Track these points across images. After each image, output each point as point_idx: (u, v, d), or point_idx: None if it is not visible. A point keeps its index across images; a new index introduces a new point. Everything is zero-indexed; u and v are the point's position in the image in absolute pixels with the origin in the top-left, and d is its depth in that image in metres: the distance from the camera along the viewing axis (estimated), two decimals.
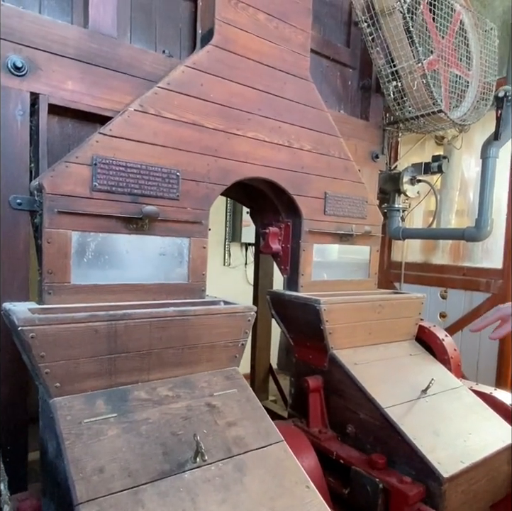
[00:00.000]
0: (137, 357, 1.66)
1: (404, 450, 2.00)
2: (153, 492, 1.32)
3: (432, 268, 5.40)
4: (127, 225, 1.89)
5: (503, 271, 4.60)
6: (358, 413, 2.25)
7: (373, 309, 2.59)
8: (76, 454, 1.34)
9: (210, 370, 1.89)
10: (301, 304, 2.44)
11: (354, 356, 2.44)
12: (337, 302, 2.39)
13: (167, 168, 1.98)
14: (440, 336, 2.94)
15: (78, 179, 1.74)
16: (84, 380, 1.54)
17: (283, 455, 1.65)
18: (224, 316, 1.91)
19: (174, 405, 1.65)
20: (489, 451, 2.09)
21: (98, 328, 1.56)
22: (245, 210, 5.37)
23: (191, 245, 2.10)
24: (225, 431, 1.63)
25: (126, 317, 1.62)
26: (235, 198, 3.34)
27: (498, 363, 4.54)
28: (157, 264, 2.02)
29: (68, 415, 1.44)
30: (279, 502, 1.45)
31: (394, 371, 2.47)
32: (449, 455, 1.98)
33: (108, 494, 1.27)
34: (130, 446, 1.43)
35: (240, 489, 1.44)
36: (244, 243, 5.40)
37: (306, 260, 2.62)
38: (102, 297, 1.83)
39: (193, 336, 1.81)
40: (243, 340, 1.99)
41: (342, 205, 2.76)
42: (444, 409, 2.31)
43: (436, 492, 1.87)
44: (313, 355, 2.50)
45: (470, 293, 4.90)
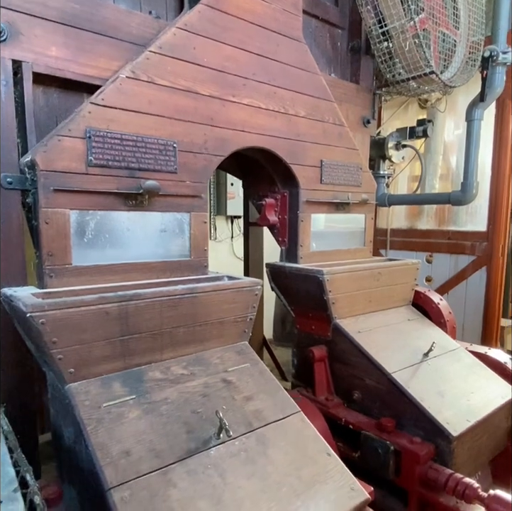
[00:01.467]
0: (150, 337, 1.64)
1: (412, 412, 2.08)
2: (182, 471, 1.33)
3: (418, 233, 5.50)
4: (126, 201, 1.82)
5: (488, 233, 4.73)
6: (364, 379, 2.31)
7: (372, 277, 2.63)
8: (100, 439, 1.32)
9: (222, 346, 1.89)
10: (302, 276, 2.44)
11: (356, 324, 2.48)
12: (339, 272, 2.41)
13: (163, 139, 1.90)
14: (436, 300, 3.02)
15: (72, 153, 1.65)
16: (98, 363, 1.51)
17: (301, 426, 1.68)
18: (232, 291, 1.89)
19: (191, 383, 1.65)
20: (491, 408, 2.20)
21: (109, 310, 1.51)
22: (230, 182, 5.28)
23: (191, 221, 2.05)
24: (243, 406, 1.64)
25: (136, 297, 1.58)
26: (226, 169, 3.26)
27: (484, 323, 4.74)
28: (159, 241, 1.96)
29: (86, 400, 1.41)
30: (304, 472, 1.49)
31: (395, 337, 2.54)
32: (455, 414, 2.07)
33: (138, 476, 1.27)
34: (153, 427, 1.42)
35: (265, 461, 1.47)
36: (229, 216, 5.33)
37: (305, 231, 2.61)
38: (105, 277, 1.78)
39: (203, 312, 1.79)
40: (251, 314, 1.99)
41: (338, 173, 2.74)
42: (446, 370, 2.40)
43: (445, 450, 1.96)
44: (316, 326, 2.53)
45: (455, 256, 5.04)
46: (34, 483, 1.17)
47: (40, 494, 1.14)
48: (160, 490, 1.25)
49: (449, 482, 1.83)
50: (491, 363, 2.65)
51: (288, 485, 1.42)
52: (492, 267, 4.65)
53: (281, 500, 1.36)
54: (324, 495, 1.44)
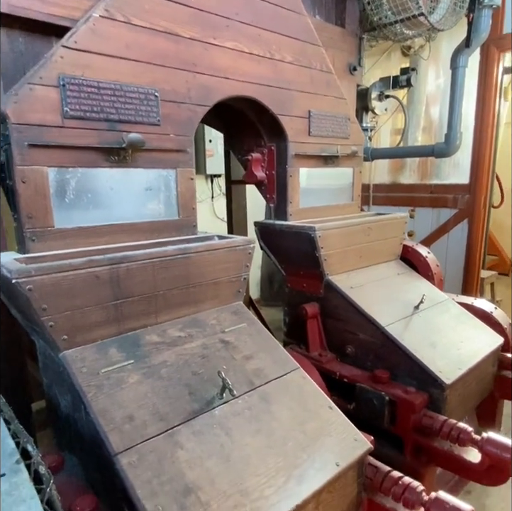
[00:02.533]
0: (143, 300, 1.59)
1: (406, 363, 2.14)
2: (188, 432, 1.33)
3: (401, 188, 5.52)
4: (107, 157, 1.71)
5: (470, 186, 4.78)
6: (357, 334, 2.36)
7: (363, 232, 2.62)
8: (102, 405, 1.30)
9: (217, 307, 1.86)
10: (293, 233, 2.41)
11: (348, 280, 2.50)
12: (330, 228, 2.39)
13: (143, 88, 1.77)
14: (423, 253, 3.07)
15: (46, 104, 1.51)
16: (91, 329, 1.46)
17: (302, 381, 1.71)
18: (225, 251, 1.84)
19: (189, 345, 1.63)
20: (480, 356, 2.29)
21: (99, 273, 1.45)
22: (208, 138, 5.09)
23: (177, 177, 1.96)
24: (244, 365, 1.64)
25: (127, 260, 1.52)
26: (206, 122, 3.11)
27: (464, 275, 4.89)
28: (144, 200, 1.87)
29: (83, 367, 1.37)
30: (308, 426, 1.52)
31: (386, 291, 2.57)
32: (447, 363, 2.15)
33: (144, 440, 1.26)
34: (155, 390, 1.41)
35: (269, 418, 1.49)
36: (209, 174, 5.18)
37: (294, 187, 2.55)
38: (90, 240, 1.70)
39: (197, 273, 1.75)
40: (245, 274, 1.96)
41: (326, 124, 2.66)
42: (436, 322, 2.47)
43: (439, 398, 2.05)
44: (308, 283, 2.53)
45: (437, 210, 5.11)
46: (37, 453, 1.14)
47: (44, 464, 1.12)
48: (168, 453, 1.25)
49: (444, 428, 1.92)
50: (477, 312, 2.74)
51: (293, 439, 1.45)
52: (474, 219, 4.74)
53: (288, 455, 1.39)
54: (329, 447, 1.47)
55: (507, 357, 2.55)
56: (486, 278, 5.28)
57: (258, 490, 1.25)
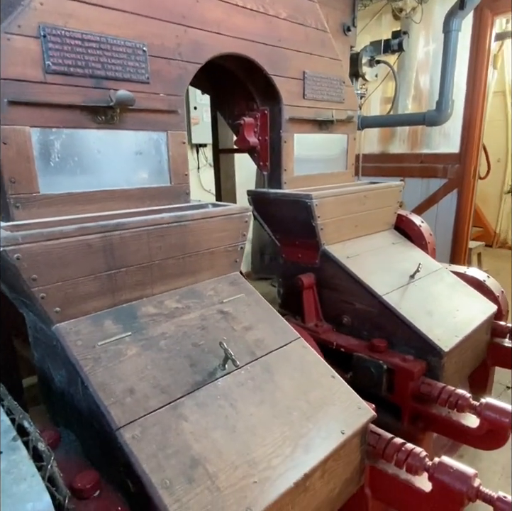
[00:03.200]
0: (138, 271, 1.53)
1: (404, 332, 2.15)
2: (192, 404, 1.30)
3: (390, 158, 5.48)
4: (94, 117, 1.60)
5: (460, 155, 4.77)
6: (354, 303, 2.35)
7: (358, 201, 2.58)
8: (100, 379, 1.25)
9: (214, 278, 1.81)
10: (289, 202, 2.35)
11: (344, 250, 2.47)
12: (327, 196, 2.33)
13: (131, 41, 1.65)
14: (417, 222, 3.06)
15: (26, 57, 1.39)
16: (85, 301, 1.39)
17: (303, 351, 1.69)
18: (222, 218, 1.78)
19: (187, 316, 1.58)
20: (476, 323, 2.32)
21: (92, 242, 1.37)
22: (192, 105, 4.91)
23: (168, 141, 1.86)
24: (244, 336, 1.61)
25: (120, 227, 1.44)
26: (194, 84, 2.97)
27: (453, 245, 4.93)
28: (135, 165, 1.78)
29: (78, 340, 1.32)
30: (311, 395, 1.51)
31: (382, 260, 2.56)
32: (444, 331, 2.16)
33: (147, 413, 1.22)
34: (155, 362, 1.36)
35: (273, 388, 1.47)
36: (195, 144, 5.03)
37: (288, 154, 2.48)
38: (79, 207, 1.61)
39: (193, 242, 1.69)
40: (242, 243, 1.90)
41: (321, 87, 2.57)
42: (431, 290, 2.48)
43: (436, 365, 2.07)
44: (303, 254, 2.50)
45: (427, 180, 5.10)
46: (34, 430, 1.10)
47: (43, 440, 1.07)
48: (172, 425, 1.22)
49: (442, 395, 1.94)
50: (470, 281, 2.77)
51: (298, 409, 1.44)
52: (463, 189, 4.76)
53: (293, 424, 1.38)
54: (333, 415, 1.47)
55: (500, 324, 2.59)
56: (473, 248, 5.36)
57: (265, 460, 1.24)
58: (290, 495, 1.23)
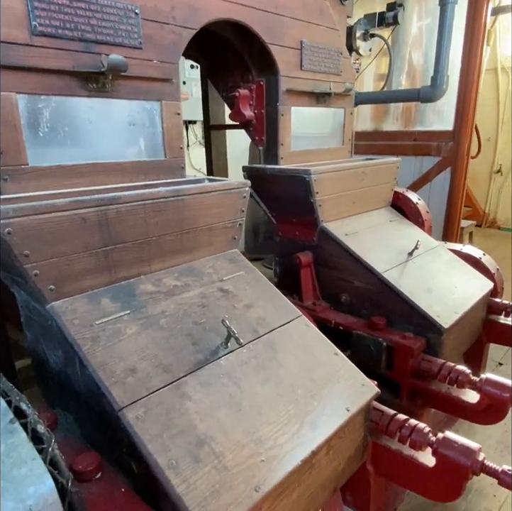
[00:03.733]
0: (136, 247, 1.47)
1: (403, 309, 2.14)
2: (195, 383, 1.27)
3: (383, 136, 5.42)
4: (84, 84, 1.51)
5: (454, 132, 4.73)
6: (352, 282, 2.33)
7: (356, 177, 2.54)
8: (100, 359, 1.20)
9: (212, 255, 1.76)
10: (286, 177, 2.30)
11: (342, 227, 2.43)
12: (326, 171, 2.28)
13: (122, 3, 1.56)
14: (414, 199, 3.03)
15: (10, 16, 1.29)
16: (81, 278, 1.34)
17: (305, 329, 1.66)
18: (220, 193, 1.72)
19: (187, 294, 1.54)
20: (474, 300, 2.32)
21: (86, 216, 1.31)
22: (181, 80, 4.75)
23: (163, 112, 1.78)
24: (245, 314, 1.58)
25: (116, 201, 1.38)
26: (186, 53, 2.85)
27: (445, 224, 4.94)
28: (128, 137, 1.70)
29: (75, 319, 1.26)
30: (315, 373, 1.49)
31: (380, 238, 2.54)
32: (444, 308, 2.16)
33: (150, 393, 1.19)
34: (156, 341, 1.32)
35: (277, 366, 1.44)
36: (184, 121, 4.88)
37: (285, 128, 2.41)
38: (70, 181, 1.53)
39: (191, 218, 1.63)
40: (240, 219, 1.85)
41: (319, 58, 2.49)
42: (429, 268, 2.47)
43: (436, 342, 2.07)
44: (300, 232, 2.46)
45: (420, 158, 5.06)
46: (33, 412, 1.05)
47: (42, 422, 1.03)
48: (176, 405, 1.19)
49: (442, 371, 1.95)
50: (466, 258, 2.77)
51: (302, 387, 1.41)
52: (457, 167, 4.74)
53: (298, 402, 1.36)
54: (338, 393, 1.45)
55: (495, 301, 2.61)
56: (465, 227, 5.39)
57: (272, 438, 1.22)
58: (297, 473, 1.22)
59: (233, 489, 1.06)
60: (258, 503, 1.07)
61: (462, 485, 1.42)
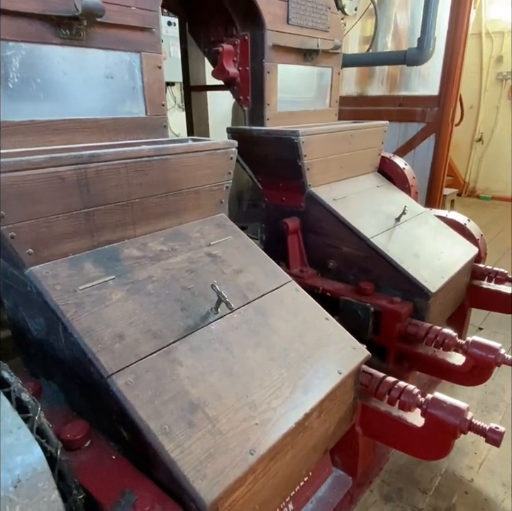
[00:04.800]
0: (118, 209, 1.40)
1: (391, 274, 2.15)
2: (185, 348, 1.24)
3: (368, 101, 5.34)
4: (57, 30, 1.40)
5: (440, 97, 4.69)
6: (340, 247, 2.31)
7: (345, 140, 2.48)
8: (85, 325, 1.16)
9: (199, 219, 1.71)
10: (273, 139, 2.23)
11: (330, 192, 2.40)
12: (314, 133, 2.22)
13: None
14: (401, 165, 3.01)
15: None
16: (61, 241, 1.27)
17: (296, 294, 1.65)
18: (205, 154, 1.65)
19: (174, 259, 1.49)
20: (460, 265, 2.35)
21: (64, 174, 1.23)
22: None
23: (143, 64, 1.68)
24: (235, 279, 1.54)
25: (96, 159, 1.30)
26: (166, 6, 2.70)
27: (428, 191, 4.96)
28: (106, 91, 1.60)
29: (56, 284, 1.20)
30: (307, 337, 1.48)
31: (368, 203, 2.52)
32: (431, 273, 2.17)
33: (139, 359, 1.16)
34: (143, 307, 1.28)
35: (268, 331, 1.43)
36: None
37: (271, 87, 2.32)
38: (45, 138, 1.44)
39: (176, 179, 1.56)
40: (227, 182, 1.79)
41: (306, 12, 2.38)
42: (416, 233, 2.47)
43: (422, 307, 2.09)
44: (287, 197, 2.41)
45: (405, 125, 5.02)
46: (16, 380, 1.01)
47: (27, 391, 0.99)
48: (167, 370, 1.16)
49: (429, 334, 1.98)
50: (451, 224, 2.79)
51: (294, 351, 1.41)
52: (441, 133, 4.72)
53: (291, 366, 1.35)
54: (330, 356, 1.45)
55: (479, 267, 2.65)
56: (447, 195, 5.44)
57: (265, 402, 1.21)
58: (290, 436, 1.22)
59: (228, 452, 1.06)
60: (253, 466, 1.07)
61: (450, 443, 1.46)
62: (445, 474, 2.00)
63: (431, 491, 1.91)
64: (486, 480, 1.97)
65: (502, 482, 1.95)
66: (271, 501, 1.26)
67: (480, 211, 6.77)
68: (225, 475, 1.01)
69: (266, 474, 1.17)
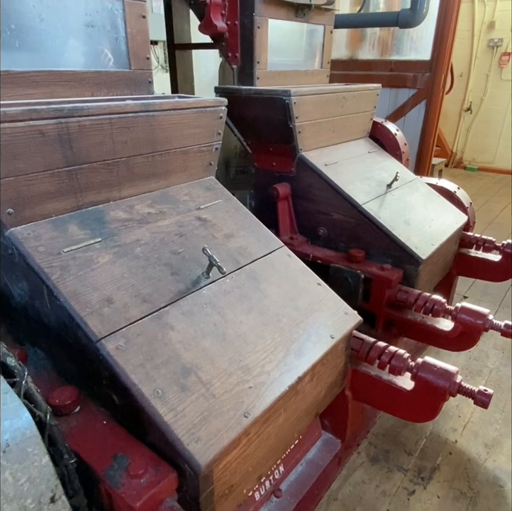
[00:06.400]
0: (103, 168, 1.34)
1: (382, 241, 2.14)
2: (177, 313, 1.21)
3: (359, 65, 5.22)
4: None
5: (432, 62, 4.61)
6: (331, 214, 2.29)
7: (337, 102, 2.42)
8: (71, 288, 1.12)
9: (187, 182, 1.65)
10: (264, 100, 2.15)
11: (322, 157, 2.35)
12: (307, 94, 2.15)
13: None
14: (393, 130, 2.96)
15: None
16: (43, 201, 1.21)
17: (288, 259, 1.62)
18: (194, 112, 1.58)
19: (162, 223, 1.44)
20: (450, 232, 2.35)
21: (44, 129, 1.16)
22: None
23: (125, 12, 1.58)
24: (226, 244, 1.51)
25: (78, 113, 1.22)
26: None
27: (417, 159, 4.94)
28: (86, 40, 1.50)
29: (39, 246, 1.15)
30: (299, 302, 1.47)
31: (359, 169, 2.48)
32: (421, 240, 2.17)
33: (130, 323, 1.13)
34: (132, 271, 1.24)
35: (260, 296, 1.41)
36: None
37: (262, 43, 2.22)
38: (24, 91, 1.35)
39: (163, 138, 1.50)
40: (217, 143, 1.73)
41: None
42: (407, 200, 2.46)
43: (412, 273, 2.10)
44: (278, 162, 2.35)
45: (396, 91, 4.94)
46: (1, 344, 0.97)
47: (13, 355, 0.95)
48: (158, 335, 1.14)
49: (419, 301, 1.99)
50: (441, 192, 2.79)
51: (287, 316, 1.40)
52: (432, 100, 4.67)
53: (284, 330, 1.35)
54: (322, 321, 1.45)
55: (468, 235, 2.66)
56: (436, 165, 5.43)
57: (259, 365, 1.21)
58: (283, 399, 1.23)
59: (222, 415, 1.05)
60: (247, 428, 1.07)
61: (439, 406, 1.49)
62: (430, 436, 2.07)
63: (416, 452, 1.97)
64: (469, 442, 2.04)
65: (484, 443, 2.02)
66: (264, 463, 1.27)
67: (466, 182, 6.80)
68: (220, 438, 1.01)
69: (260, 437, 1.18)
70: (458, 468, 1.90)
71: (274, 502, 1.54)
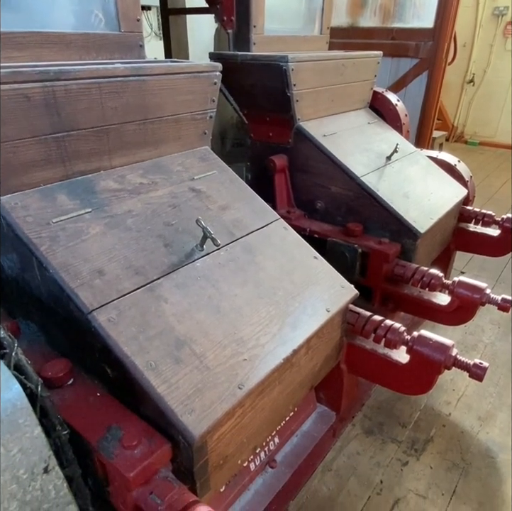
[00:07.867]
0: (92, 136, 1.30)
1: (380, 215, 2.12)
2: (170, 285, 1.20)
3: (360, 33, 5.07)
4: None
5: (435, 31, 4.48)
6: (329, 187, 2.25)
7: (336, 70, 2.35)
8: (61, 259, 1.10)
9: (181, 151, 1.61)
10: (260, 66, 2.08)
11: (320, 128, 2.30)
12: (305, 60, 2.08)
13: None
14: (393, 101, 2.90)
15: None
16: (30, 170, 1.17)
17: (284, 232, 1.60)
18: (187, 77, 1.53)
19: (155, 193, 1.41)
20: (449, 206, 2.33)
21: (30, 92, 1.11)
22: None
23: None
24: (221, 216, 1.48)
25: (64, 76, 1.18)
26: None
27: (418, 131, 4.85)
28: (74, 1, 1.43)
29: (27, 216, 1.13)
30: (295, 275, 1.46)
31: (359, 141, 2.43)
32: (420, 214, 2.15)
33: (122, 295, 1.11)
34: (124, 242, 1.22)
35: (256, 269, 1.39)
36: None
37: (258, 5, 2.14)
38: (8, 53, 1.29)
39: (154, 105, 1.45)
40: (211, 111, 1.68)
41: None
42: (407, 173, 2.42)
43: (410, 248, 2.08)
44: (275, 132, 2.30)
45: (397, 60, 4.82)
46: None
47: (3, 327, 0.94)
48: (151, 307, 1.13)
49: (416, 275, 1.99)
50: (441, 165, 2.75)
51: (282, 289, 1.39)
52: (434, 70, 4.56)
53: (279, 303, 1.34)
54: (318, 295, 1.44)
55: (467, 209, 2.64)
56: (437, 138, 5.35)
57: (254, 338, 1.20)
58: (278, 371, 1.23)
59: (216, 387, 1.05)
60: (242, 400, 1.07)
61: (434, 379, 1.50)
62: (424, 409, 2.10)
63: (410, 425, 2.01)
64: (463, 415, 2.07)
65: (478, 416, 2.06)
66: (259, 434, 1.28)
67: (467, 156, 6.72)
68: (214, 409, 1.01)
69: (254, 408, 1.18)
70: (451, 440, 1.93)
71: (269, 473, 1.57)
